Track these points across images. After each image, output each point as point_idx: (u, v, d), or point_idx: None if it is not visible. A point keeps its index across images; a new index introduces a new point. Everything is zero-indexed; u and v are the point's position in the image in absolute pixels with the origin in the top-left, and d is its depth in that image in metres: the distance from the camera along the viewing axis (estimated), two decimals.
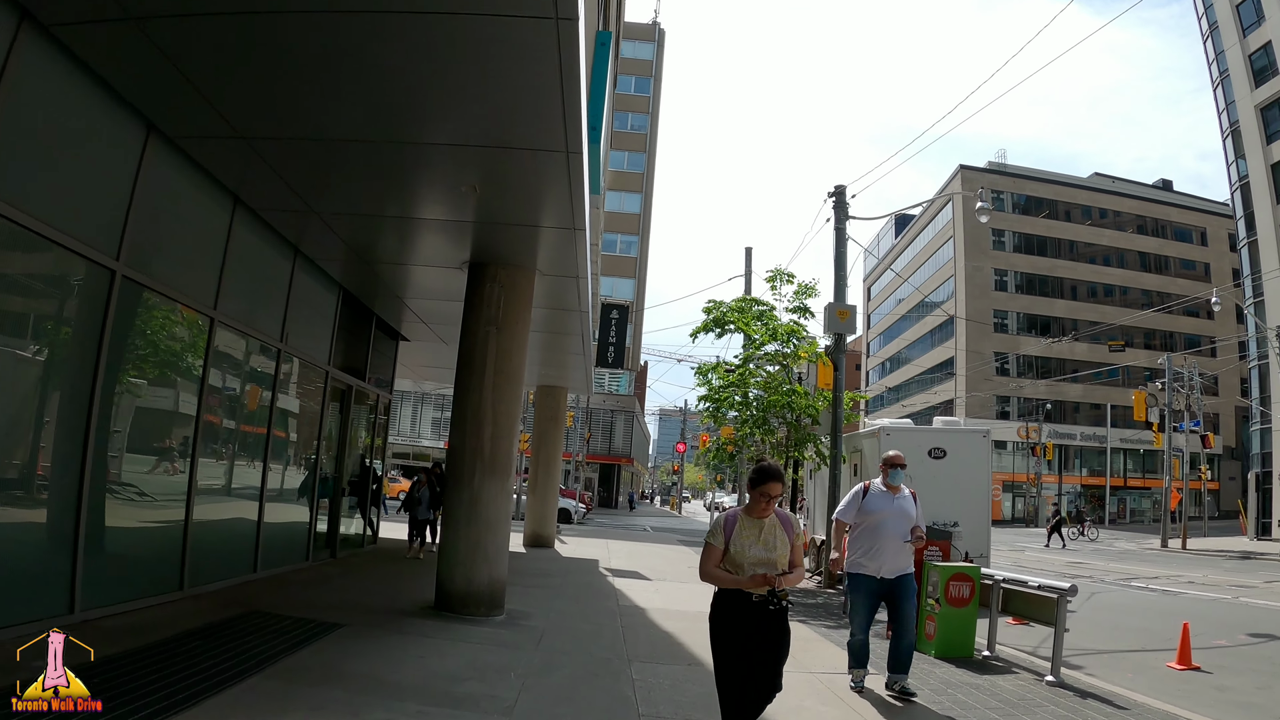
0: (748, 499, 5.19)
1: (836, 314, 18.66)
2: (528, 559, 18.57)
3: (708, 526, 28.31)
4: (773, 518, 5.20)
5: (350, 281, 13.82)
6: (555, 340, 16.34)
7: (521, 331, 10.81)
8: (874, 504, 8.41)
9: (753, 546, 5.13)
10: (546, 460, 21.91)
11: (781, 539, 5.18)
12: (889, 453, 8.81)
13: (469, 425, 10.38)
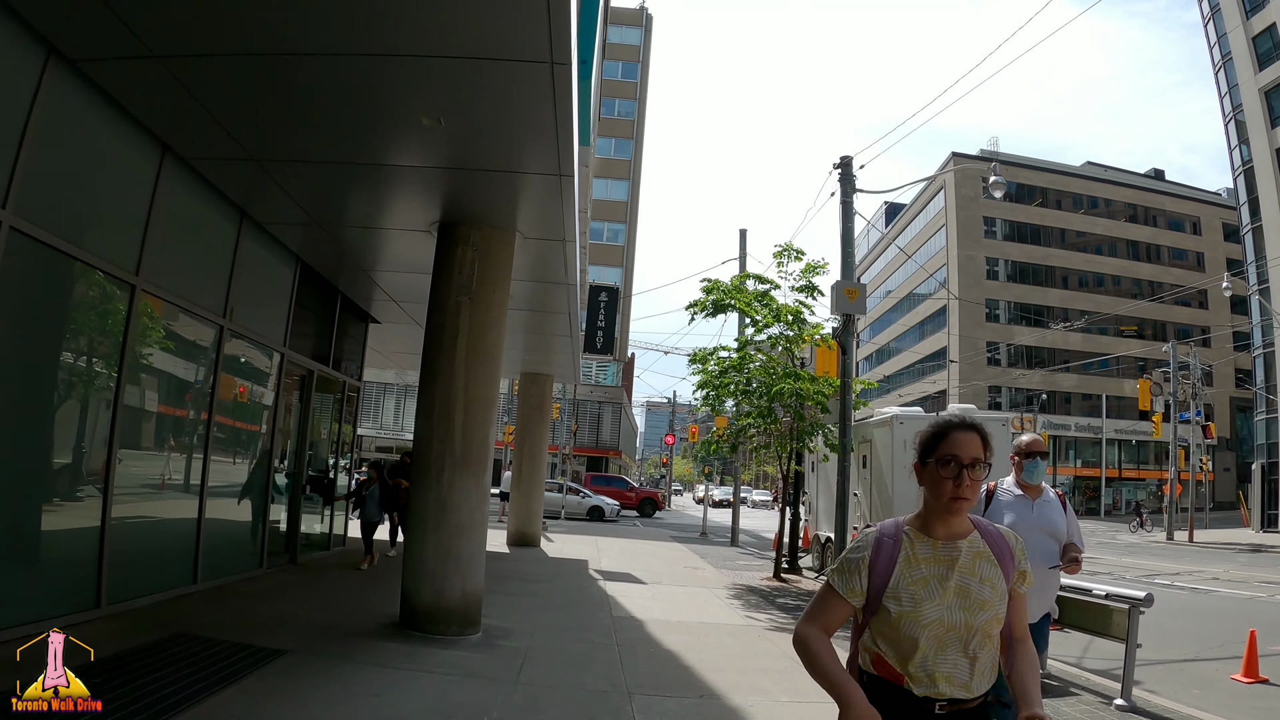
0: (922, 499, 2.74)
1: (845, 293, 17.19)
2: (511, 560, 17.07)
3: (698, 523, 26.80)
4: (975, 536, 2.69)
5: (310, 253, 12.29)
6: (540, 320, 14.81)
7: (498, 303, 9.30)
8: (1006, 516, 5.43)
9: (935, 598, 2.55)
10: (531, 453, 20.40)
11: (994, 579, 2.61)
12: (1024, 438, 5.66)
13: (436, 412, 8.88)
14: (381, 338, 17.38)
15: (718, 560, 20.52)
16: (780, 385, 15.77)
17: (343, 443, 15.78)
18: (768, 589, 15.55)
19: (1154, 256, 75.19)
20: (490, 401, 9.08)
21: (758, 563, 20.81)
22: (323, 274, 13.38)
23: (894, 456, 16.36)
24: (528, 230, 9.60)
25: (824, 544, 19.37)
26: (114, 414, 8.09)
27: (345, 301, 14.78)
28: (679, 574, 16.70)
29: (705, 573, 17.46)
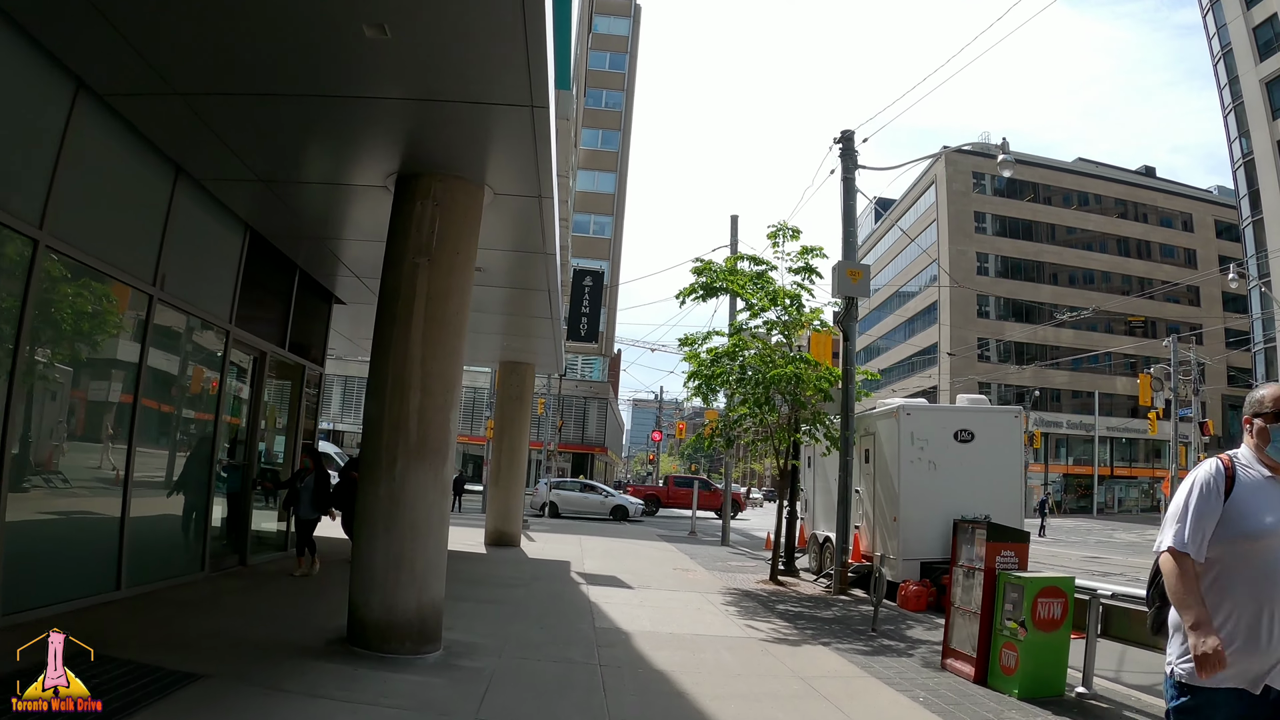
0: None
1: (847, 274, 16.02)
2: (488, 562, 15.80)
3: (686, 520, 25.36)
4: None
5: (260, 219, 10.97)
6: (518, 300, 13.51)
7: (462, 266, 8.01)
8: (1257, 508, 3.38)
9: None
10: (511, 447, 19.11)
11: None
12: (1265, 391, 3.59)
13: (388, 392, 7.60)
14: (348, 321, 16.04)
15: (709, 561, 19.28)
16: (778, 370, 14.52)
17: (302, 433, 14.42)
18: (765, 593, 14.32)
19: (1145, 253, 74.49)
20: (451, 380, 7.79)
21: (751, 564, 19.58)
22: (277, 246, 12.06)
23: (900, 450, 15.15)
24: (499, 184, 8.31)
25: (822, 544, 18.14)
26: (8, 392, 6.77)
27: (305, 279, 13.46)
28: (668, 577, 15.45)
29: (696, 575, 16.21)
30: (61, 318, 7.79)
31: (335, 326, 15.28)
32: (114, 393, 8.87)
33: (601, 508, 36.14)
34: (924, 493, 15.03)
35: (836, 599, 14.34)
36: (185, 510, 10.57)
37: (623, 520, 35.03)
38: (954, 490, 15.17)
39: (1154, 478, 69.35)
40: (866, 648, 9.76)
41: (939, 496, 15.04)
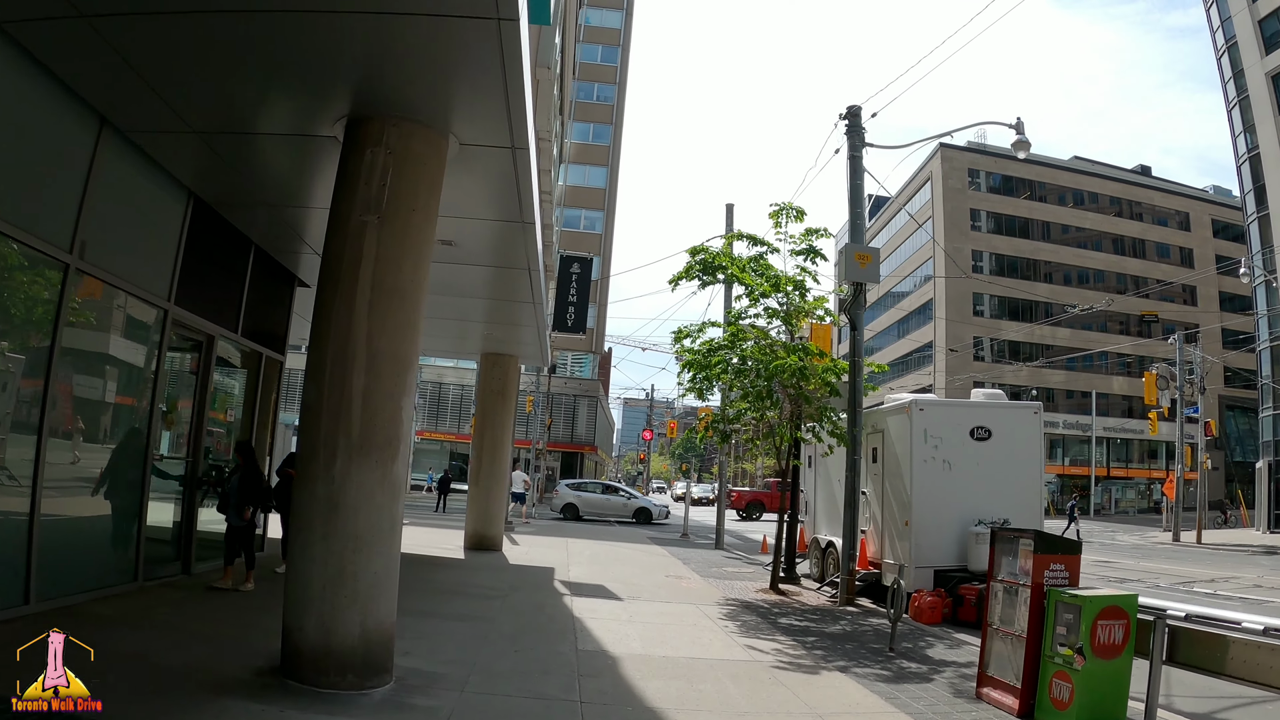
0: None
1: (855, 258, 14.79)
2: (464, 568, 14.56)
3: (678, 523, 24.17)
4: None
5: (204, 184, 9.69)
6: (497, 281, 12.24)
7: (420, 227, 6.75)
8: None
9: None
10: (493, 444, 17.84)
11: None
12: None
13: (328, 373, 6.34)
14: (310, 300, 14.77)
15: (702, 567, 18.06)
16: (780, 362, 13.31)
17: (259, 427, 13.10)
18: (766, 604, 13.11)
19: (1142, 252, 73.71)
20: (404, 360, 6.52)
21: (748, 569, 18.36)
22: (228, 219, 10.79)
23: (913, 449, 13.96)
24: (466, 132, 7.06)
25: (824, 549, 16.94)
26: None
27: (262, 258, 12.16)
28: (661, 586, 14.22)
29: (691, 583, 14.98)
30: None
31: (299, 312, 13.99)
32: (20, 376, 7.61)
33: (624, 510, 34.89)
34: (938, 495, 13.88)
35: (844, 610, 13.14)
36: (115, 512, 9.29)
37: (646, 523, 33.82)
38: (970, 492, 14.04)
39: (1150, 479, 68.54)
40: (887, 672, 8.54)
41: (954, 499, 13.91)
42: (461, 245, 10.11)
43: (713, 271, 14.15)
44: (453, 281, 12.10)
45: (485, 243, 10.20)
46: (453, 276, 11.68)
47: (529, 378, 58.65)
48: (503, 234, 9.89)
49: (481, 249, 10.40)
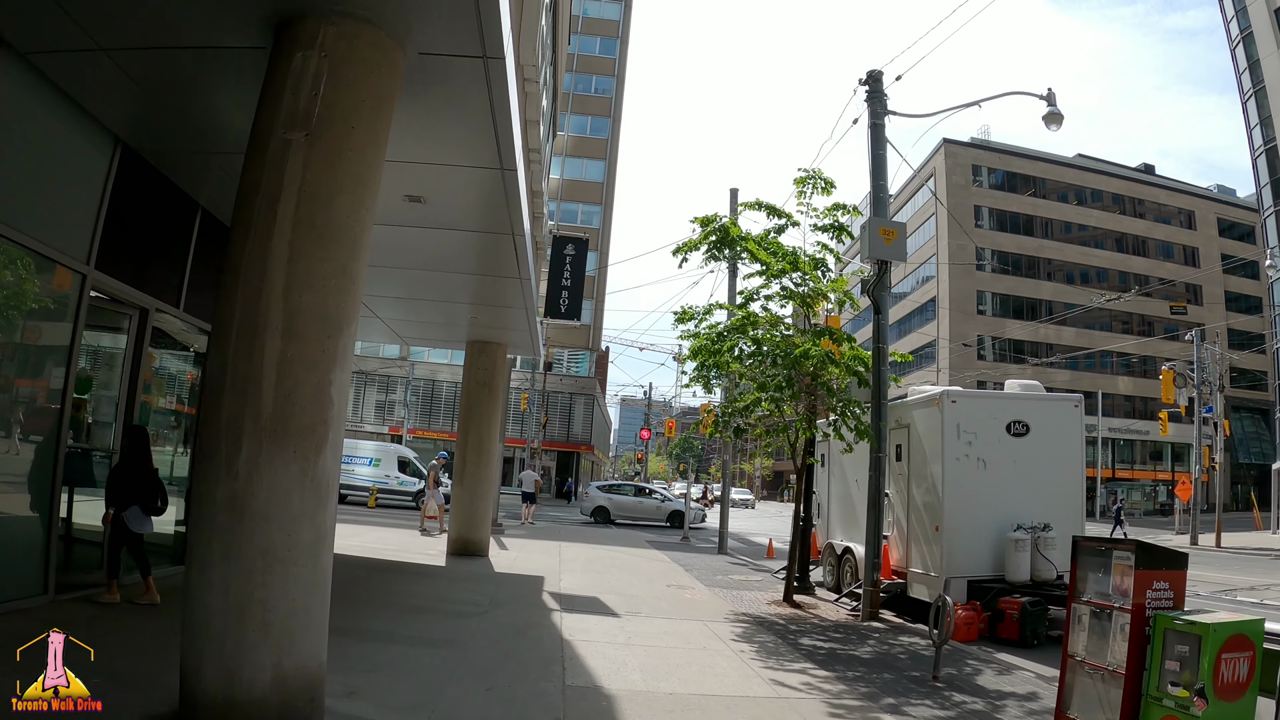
0: None
1: (880, 233, 13.31)
2: (443, 579, 13.05)
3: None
4: None
5: (130, 128, 8.19)
6: (479, 249, 10.67)
7: (362, 151, 5.23)
8: None
9: None
10: (479, 441, 16.31)
11: None
12: None
13: (234, 339, 4.83)
14: None
15: (706, 574, 16.57)
16: (804, 347, 11.81)
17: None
18: (782, 620, 11.61)
19: (1147, 251, 72.46)
20: (336, 321, 4.99)
21: (756, 577, 16.88)
22: (167, 174, 9.29)
23: (945, 445, 12.50)
24: (423, 36, 5.54)
25: (840, 556, 15.46)
26: None
27: (210, 223, 10.58)
28: (662, 598, 12.71)
29: (695, 595, 13.47)
30: None
31: None
32: None
33: (658, 514, 33.19)
34: (972, 496, 12.46)
35: (868, 627, 11.66)
36: (14, 512, 7.79)
37: (680, 527, 32.09)
38: (1007, 494, 12.62)
39: (1156, 480, 67.36)
40: (941, 711, 7.05)
41: (989, 501, 12.49)
42: (433, 203, 8.62)
43: (728, 244, 12.58)
44: (427, 250, 10.62)
45: (461, 199, 8.68)
46: (426, 243, 10.19)
47: (524, 375, 57.14)
48: (481, 187, 8.35)
49: (457, 206, 8.88)
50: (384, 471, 33.08)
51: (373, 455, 33.84)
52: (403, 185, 8.16)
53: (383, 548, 16.10)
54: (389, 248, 10.59)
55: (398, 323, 15.87)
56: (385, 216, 9.27)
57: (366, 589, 10.87)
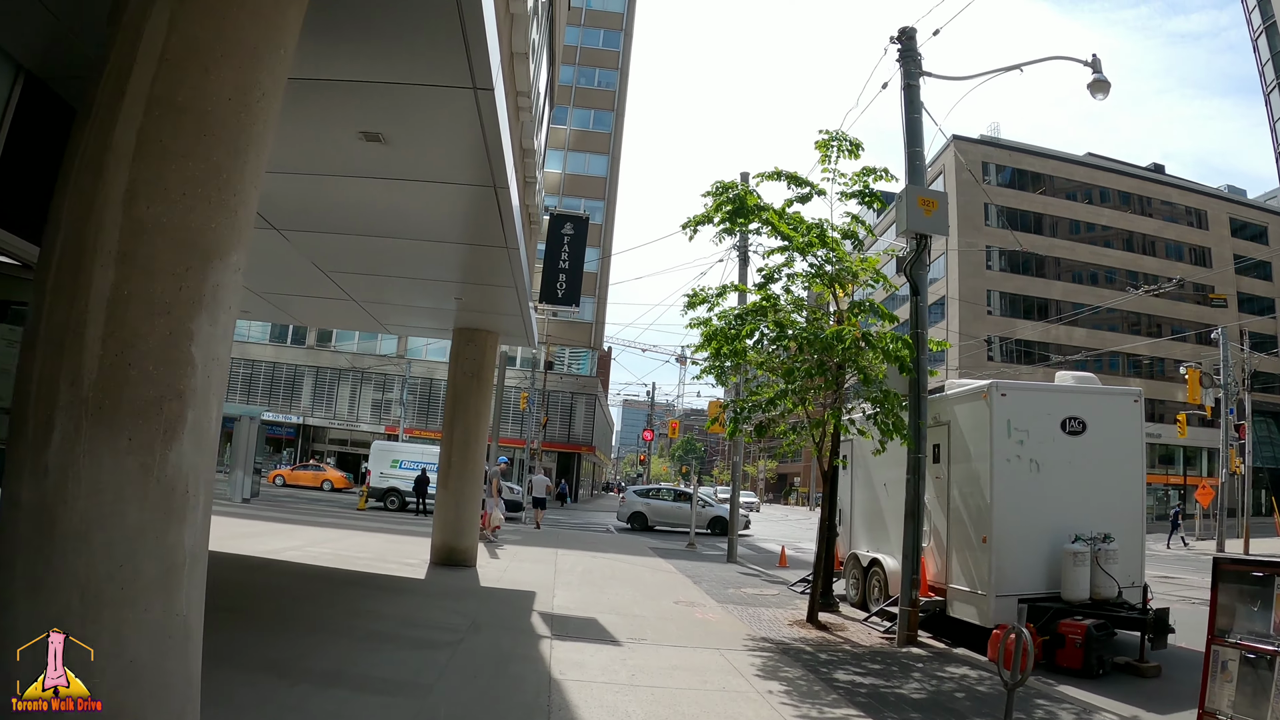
0: None
1: (918, 203, 11.78)
2: (419, 594, 11.49)
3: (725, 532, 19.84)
4: None
5: (39, 58, 6.64)
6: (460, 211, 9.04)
7: (259, 3, 3.68)
8: None
9: None
10: (466, 439, 14.74)
11: None
12: None
13: (54, 269, 3.28)
14: None
15: (716, 587, 14.99)
16: (836, 329, 10.26)
17: None
18: (809, 647, 10.05)
19: (1156, 251, 71.09)
20: (204, 249, 3.36)
21: (770, 590, 15.30)
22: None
23: (994, 445, 10.95)
24: None
25: (866, 568, 13.91)
26: None
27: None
28: (669, 618, 11.13)
29: (707, 613, 11.89)
30: None
31: None
32: None
33: (699, 520, 29.84)
34: (1024, 502, 10.94)
35: (909, 655, 10.10)
36: None
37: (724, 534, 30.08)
38: (1062, 500, 11.11)
39: (1168, 484, 65.83)
40: None
41: (1044, 508, 10.99)
42: (395, 143, 7.05)
43: (745, 215, 10.96)
44: (395, 211, 9.05)
45: (429, 139, 7.10)
46: (393, 200, 8.61)
47: (523, 374, 55.60)
48: (453, 122, 6.78)
49: (425, 150, 7.30)
50: None
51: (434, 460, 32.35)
52: (355, 118, 6.61)
53: (358, 555, 14.55)
54: (348, 206, 9.05)
55: (376, 306, 14.25)
56: (339, 164, 7.73)
57: (322, 609, 9.31)
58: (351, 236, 10.03)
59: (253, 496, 27.62)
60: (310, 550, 14.61)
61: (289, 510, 25.39)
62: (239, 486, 27.10)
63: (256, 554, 13.27)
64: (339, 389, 60.41)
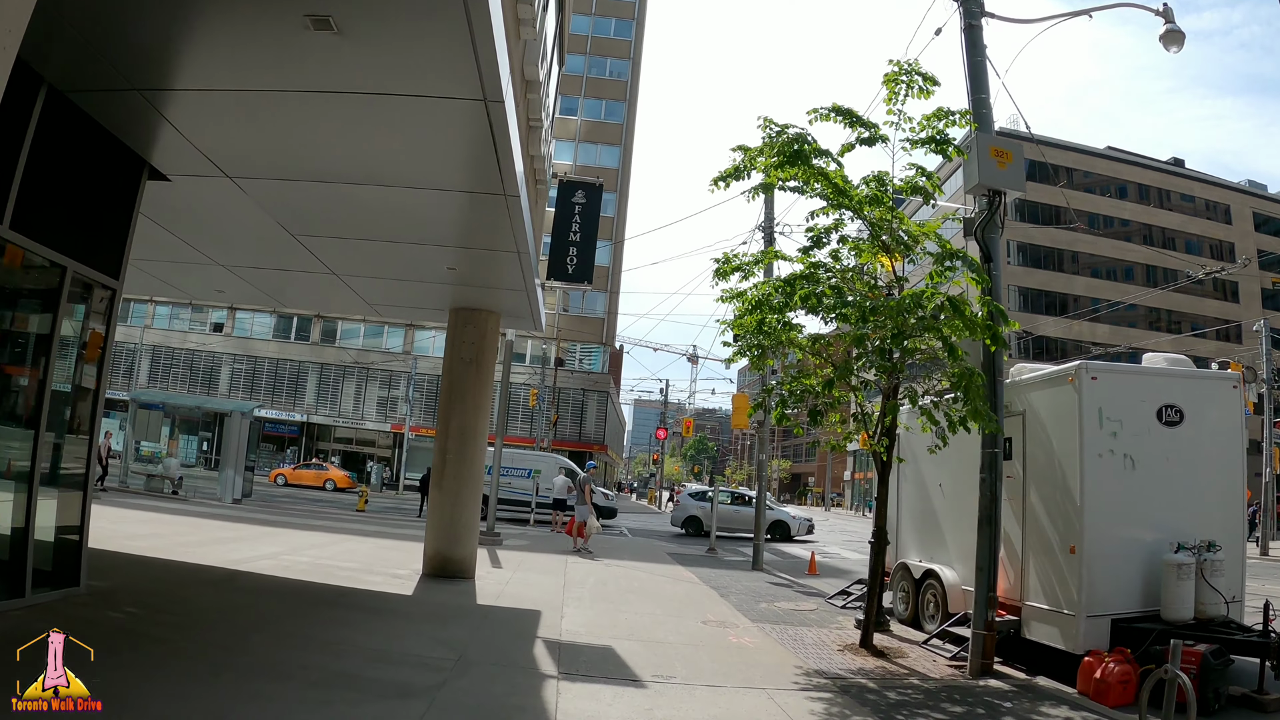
0: None
1: (990, 153, 10.04)
2: (400, 615, 9.71)
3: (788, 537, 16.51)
4: None
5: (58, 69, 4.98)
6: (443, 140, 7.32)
7: None
8: None
9: None
10: (463, 433, 12.97)
11: None
12: None
13: None
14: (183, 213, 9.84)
15: (747, 601, 13.24)
16: (920, 291, 8.49)
17: (75, 391, 8.27)
18: (872, 682, 8.29)
19: (1178, 245, 69.42)
20: None
21: (807, 604, 13.55)
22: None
23: (1084, 437, 9.23)
24: None
25: (920, 581, 12.19)
26: None
27: (70, 112, 7.33)
28: (701, 645, 9.35)
29: (744, 637, 10.12)
30: None
31: (152, 215, 9.26)
32: None
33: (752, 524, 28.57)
34: (1119, 505, 9.30)
35: (989, 690, 8.36)
36: None
37: (786, 540, 28.18)
38: (1160, 501, 9.47)
39: None
40: None
41: (1141, 511, 9.36)
42: (349, 32, 5.31)
43: (803, 162, 9.06)
44: (366, 142, 7.32)
45: (395, 26, 5.37)
46: (359, 124, 6.88)
47: (533, 370, 54.00)
48: (426, 25, 5.06)
49: (388, 40, 5.56)
50: (544, 484, 30.23)
51: (531, 466, 31.45)
52: None
53: (341, 565, 12.82)
54: (309, 139, 7.33)
55: (359, 281, 12.44)
56: (290, 73, 6.02)
57: (275, 640, 7.52)
58: (318, 185, 8.27)
59: (244, 497, 25.98)
60: (287, 559, 12.88)
61: (281, 512, 23.71)
62: (229, 486, 25.50)
63: (222, 564, 11.54)
64: (344, 386, 58.86)
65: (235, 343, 58.22)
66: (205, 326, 58.77)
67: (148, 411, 27.76)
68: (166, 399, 32.45)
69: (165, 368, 57.15)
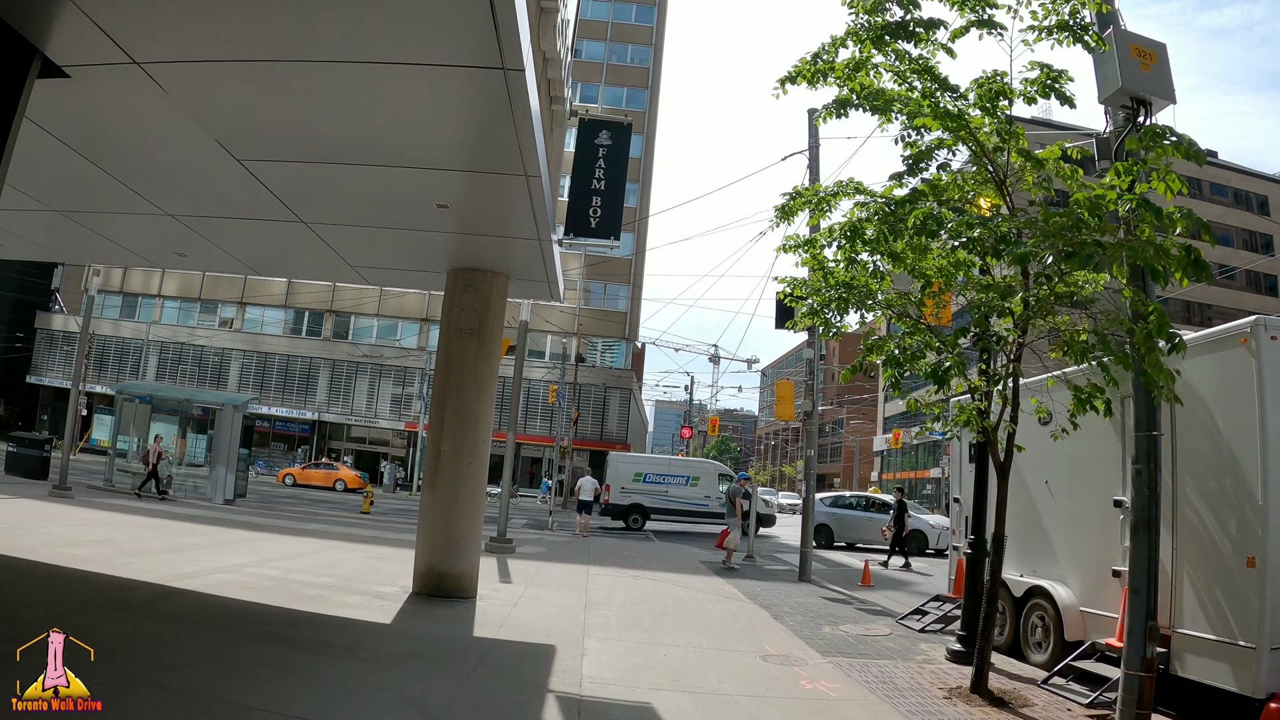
0: None
1: (1131, 53, 7.72)
2: (374, 653, 7.41)
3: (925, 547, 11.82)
4: None
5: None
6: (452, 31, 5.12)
7: None
8: None
9: None
10: (460, 417, 10.59)
11: None
12: None
13: None
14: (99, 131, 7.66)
15: (807, 622, 10.98)
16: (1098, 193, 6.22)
17: None
18: None
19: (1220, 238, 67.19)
20: None
21: (878, 627, 11.25)
22: None
23: (1265, 415, 6.99)
24: None
25: (1022, 601, 9.93)
26: None
27: None
28: (768, 694, 7.07)
29: (818, 679, 7.81)
30: None
31: (39, 119, 7.06)
32: None
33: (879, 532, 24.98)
34: None
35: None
36: None
37: (919, 553, 24.72)
38: None
39: None
40: None
41: None
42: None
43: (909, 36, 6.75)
44: (316, 24, 5.08)
45: None
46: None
47: (552, 365, 51.85)
48: None
49: None
50: (703, 491, 29.70)
51: (690, 473, 30.55)
52: None
53: (316, 580, 10.59)
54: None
55: (335, 233, 10.10)
56: None
57: (177, 701, 5.28)
58: (254, 70, 6.03)
59: (239, 497, 23.89)
60: (251, 572, 10.65)
61: (276, 513, 21.60)
62: (221, 485, 23.38)
63: (162, 579, 9.30)
64: (357, 383, 56.73)
65: (244, 338, 56.30)
66: (215, 321, 56.92)
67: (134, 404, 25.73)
68: (155, 390, 30.48)
69: (173, 364, 55.33)
